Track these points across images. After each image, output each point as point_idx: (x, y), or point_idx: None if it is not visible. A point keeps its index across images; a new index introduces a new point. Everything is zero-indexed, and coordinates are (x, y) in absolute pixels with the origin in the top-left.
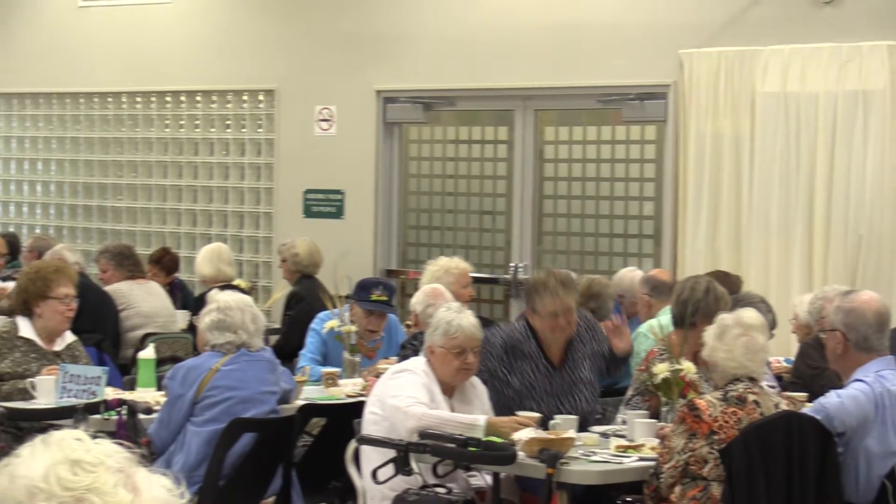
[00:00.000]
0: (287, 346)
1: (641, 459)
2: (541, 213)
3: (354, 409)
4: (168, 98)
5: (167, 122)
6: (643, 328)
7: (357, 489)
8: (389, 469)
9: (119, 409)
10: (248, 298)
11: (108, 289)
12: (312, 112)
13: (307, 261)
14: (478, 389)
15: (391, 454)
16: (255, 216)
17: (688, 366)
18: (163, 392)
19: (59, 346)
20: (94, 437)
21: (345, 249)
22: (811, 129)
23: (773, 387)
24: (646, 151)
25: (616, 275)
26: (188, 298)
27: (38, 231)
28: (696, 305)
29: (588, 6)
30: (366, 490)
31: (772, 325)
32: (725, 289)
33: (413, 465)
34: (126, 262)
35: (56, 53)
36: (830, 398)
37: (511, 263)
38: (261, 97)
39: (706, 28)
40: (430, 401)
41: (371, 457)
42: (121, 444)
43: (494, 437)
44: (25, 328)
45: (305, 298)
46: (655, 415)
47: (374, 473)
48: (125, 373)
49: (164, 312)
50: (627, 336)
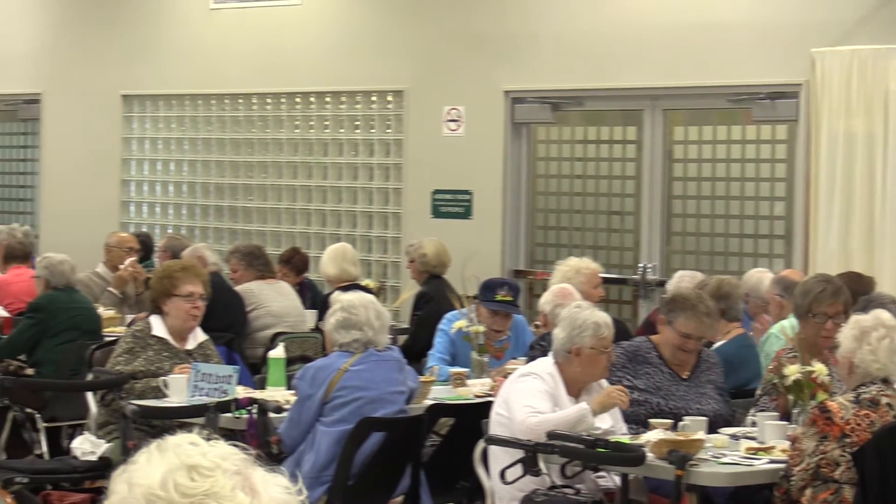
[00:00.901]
0: (415, 346)
1: (772, 462)
2: (670, 214)
3: (482, 410)
4: (298, 99)
5: (297, 123)
6: (775, 329)
7: (485, 489)
8: (517, 469)
9: (250, 408)
10: (371, 296)
11: (239, 288)
12: (441, 113)
13: (435, 261)
14: (603, 387)
15: (519, 454)
16: (384, 216)
17: (819, 367)
18: (292, 391)
19: (191, 345)
20: (209, 440)
21: (473, 250)
22: None
23: None
24: (777, 151)
25: (745, 275)
26: (317, 298)
27: (171, 231)
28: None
29: (719, 4)
30: (494, 490)
31: None
32: (858, 290)
33: (541, 466)
34: (256, 262)
35: (188, 55)
36: None
37: (639, 264)
38: (389, 98)
39: (839, 26)
40: (554, 404)
41: (499, 457)
42: (237, 446)
43: (623, 439)
44: (158, 327)
45: (433, 299)
46: (785, 415)
47: (503, 474)
48: (255, 372)
49: (294, 312)
50: None
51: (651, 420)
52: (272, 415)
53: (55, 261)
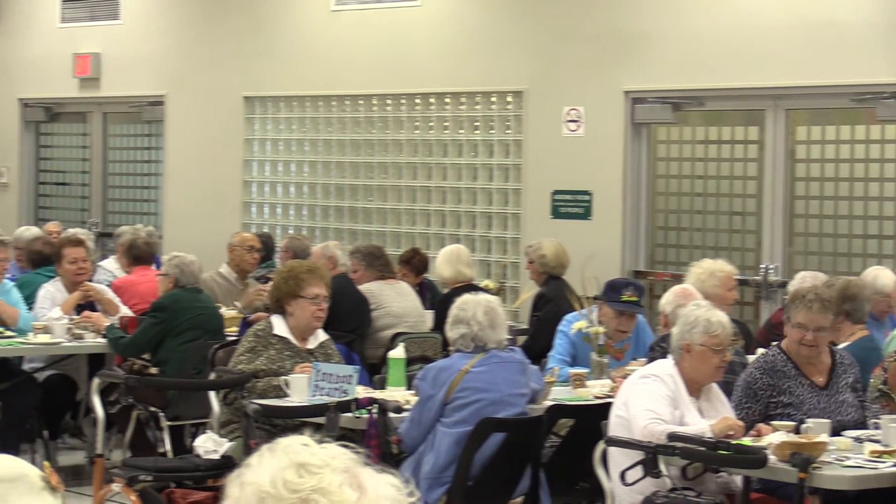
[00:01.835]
0: (535, 348)
1: None
2: (792, 214)
3: (602, 411)
4: (418, 100)
5: (417, 124)
6: None
7: (605, 491)
8: (638, 471)
9: (370, 408)
10: (490, 298)
11: (360, 288)
12: (560, 113)
13: (554, 262)
14: (716, 390)
15: (639, 456)
16: (503, 217)
17: None
18: (412, 391)
19: (312, 345)
20: (321, 442)
21: (592, 250)
22: None
23: None
24: None
25: (863, 273)
26: (437, 299)
27: (292, 232)
28: None
29: (842, 2)
30: (614, 492)
31: None
32: None
33: (662, 468)
34: (376, 263)
35: (309, 57)
36: None
37: (761, 265)
38: (509, 98)
39: None
40: (674, 408)
41: (618, 459)
42: (346, 446)
43: (745, 441)
44: (280, 326)
45: (553, 300)
46: None
47: (623, 475)
48: (375, 372)
49: (414, 312)
50: None
51: (773, 422)
52: (392, 415)
53: (186, 260)
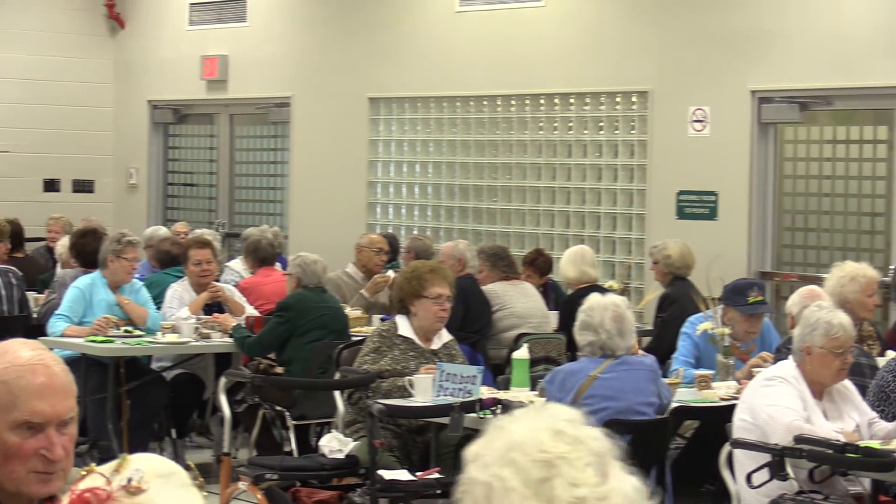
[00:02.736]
0: (659, 349)
1: None
2: None
3: (728, 413)
4: (542, 100)
5: (541, 125)
6: None
7: (731, 493)
8: (764, 473)
9: (494, 408)
10: (619, 300)
11: (484, 289)
12: (686, 113)
13: (679, 263)
14: (849, 389)
15: (765, 458)
16: (628, 218)
17: None
18: (536, 392)
19: (436, 345)
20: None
21: (718, 251)
22: None
23: None
24: None
25: None
26: (561, 299)
27: (416, 232)
28: None
29: None
30: (740, 494)
31: None
32: None
33: (788, 470)
34: (501, 263)
35: (434, 58)
36: None
37: (890, 266)
38: (634, 99)
39: None
40: (803, 409)
41: (744, 461)
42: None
43: (872, 444)
44: (404, 327)
45: (678, 301)
46: None
47: (749, 478)
48: (499, 372)
49: (538, 313)
50: None
51: None
52: None
53: (308, 260)
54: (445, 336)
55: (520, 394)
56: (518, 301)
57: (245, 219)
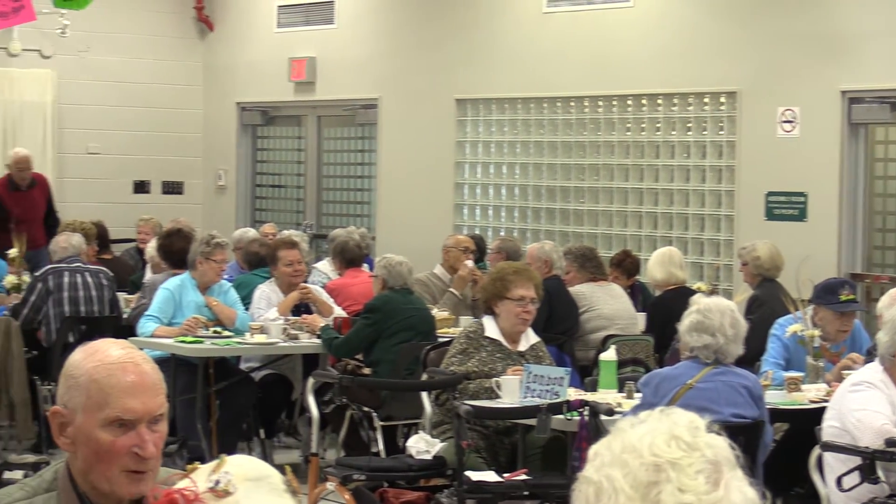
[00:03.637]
0: (748, 351)
1: None
2: None
3: (817, 415)
4: (629, 101)
5: (629, 126)
6: None
7: (821, 496)
8: (855, 477)
9: (581, 410)
10: (731, 303)
11: (571, 290)
12: (775, 114)
13: (768, 264)
14: None
15: (856, 462)
16: (716, 219)
17: None
18: (623, 394)
19: (523, 347)
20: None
21: (807, 252)
22: None
23: None
24: None
25: None
26: (649, 301)
27: (503, 233)
28: None
29: None
30: (830, 497)
31: None
32: None
33: (879, 474)
34: (588, 265)
35: (520, 59)
36: None
37: None
38: (722, 99)
39: None
40: (892, 412)
41: (834, 464)
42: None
43: None
44: (491, 328)
45: (766, 303)
46: None
47: (839, 481)
48: (586, 374)
49: (626, 315)
50: None
51: None
52: (604, 417)
53: (394, 261)
54: (532, 337)
55: (607, 395)
56: (605, 302)
57: (332, 220)
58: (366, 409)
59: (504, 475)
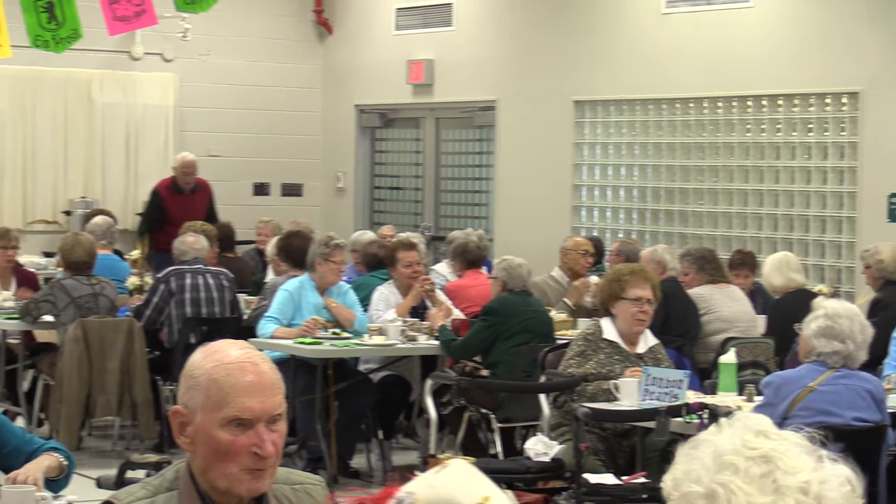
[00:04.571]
0: (870, 354)
1: None
2: None
3: None
4: (749, 102)
5: (748, 127)
6: None
7: None
8: None
9: (700, 413)
10: (856, 308)
11: (690, 292)
12: None
13: (892, 267)
14: None
15: None
16: (838, 220)
17: None
18: (743, 396)
19: (642, 349)
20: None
21: None
22: None
23: None
24: None
25: None
26: (768, 303)
27: (621, 235)
28: None
29: None
30: None
31: None
32: None
33: None
34: (708, 267)
35: (639, 60)
36: None
37: None
38: (844, 100)
39: None
40: None
41: None
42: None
43: None
44: (609, 330)
45: (889, 306)
46: None
47: None
48: (706, 377)
49: (745, 317)
50: None
51: None
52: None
53: (514, 263)
54: (651, 339)
55: (727, 398)
56: (725, 305)
57: (450, 222)
58: (484, 411)
59: (622, 478)
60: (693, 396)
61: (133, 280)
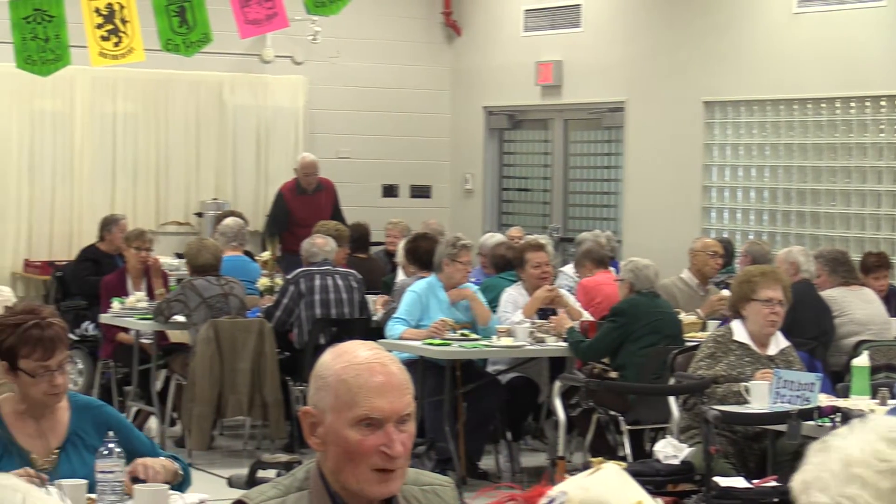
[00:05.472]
0: None
1: None
2: None
3: None
4: (883, 102)
5: (882, 127)
6: None
7: None
8: None
9: (833, 417)
10: None
11: (822, 294)
12: None
13: None
14: None
15: None
16: None
17: None
18: (877, 400)
19: (773, 351)
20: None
21: None
22: None
23: None
24: None
25: None
26: None
27: (752, 237)
28: None
29: None
30: None
31: None
32: None
33: None
34: (840, 269)
35: (771, 60)
36: None
37: None
38: None
39: None
40: None
41: None
42: None
43: None
44: (739, 332)
45: None
46: None
47: None
48: (838, 380)
49: (879, 320)
50: None
51: None
52: None
53: (640, 265)
54: (782, 342)
55: (860, 402)
56: (858, 307)
57: (579, 223)
58: (612, 413)
59: (753, 481)
60: (825, 400)
61: (263, 281)
